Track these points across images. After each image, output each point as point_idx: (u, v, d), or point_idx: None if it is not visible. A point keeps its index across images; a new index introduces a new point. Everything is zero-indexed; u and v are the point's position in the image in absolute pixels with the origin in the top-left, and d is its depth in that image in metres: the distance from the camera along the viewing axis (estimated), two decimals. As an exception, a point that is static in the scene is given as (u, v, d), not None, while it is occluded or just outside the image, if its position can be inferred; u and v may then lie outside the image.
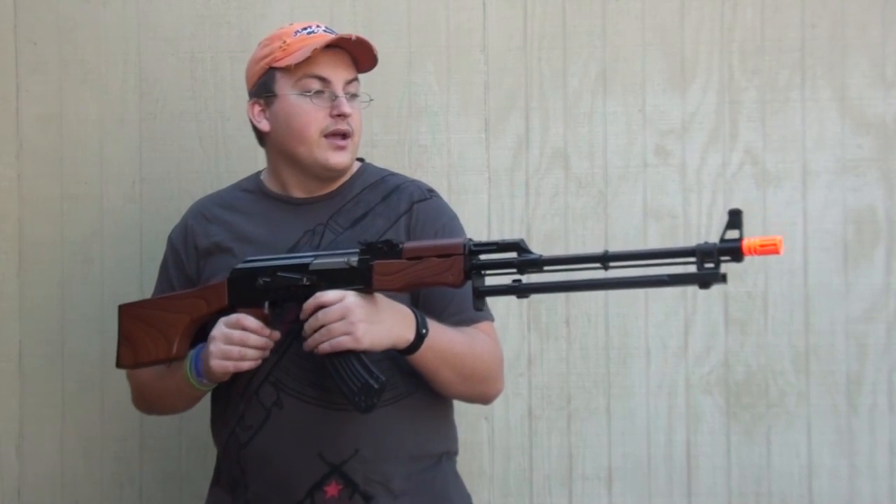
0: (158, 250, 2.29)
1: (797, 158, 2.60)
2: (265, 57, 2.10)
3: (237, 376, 2.03)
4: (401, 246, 1.87)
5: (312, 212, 2.07)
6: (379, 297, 1.90)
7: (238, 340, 1.93)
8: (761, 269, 2.59)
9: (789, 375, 2.58)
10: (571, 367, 2.60)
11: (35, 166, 2.65)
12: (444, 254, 1.83)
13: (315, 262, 1.93)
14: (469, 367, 1.98)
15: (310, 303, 1.89)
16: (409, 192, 2.09)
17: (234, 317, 1.95)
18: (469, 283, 2.01)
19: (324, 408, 1.99)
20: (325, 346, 1.87)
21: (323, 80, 2.05)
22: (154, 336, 2.04)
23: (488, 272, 1.82)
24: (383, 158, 2.46)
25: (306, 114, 2.05)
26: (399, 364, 2.00)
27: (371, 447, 1.98)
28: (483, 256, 1.82)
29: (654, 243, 2.59)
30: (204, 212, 2.17)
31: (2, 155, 2.65)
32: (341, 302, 1.86)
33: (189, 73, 2.64)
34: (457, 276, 1.82)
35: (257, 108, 2.11)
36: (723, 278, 1.63)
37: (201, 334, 2.03)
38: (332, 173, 2.08)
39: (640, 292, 2.59)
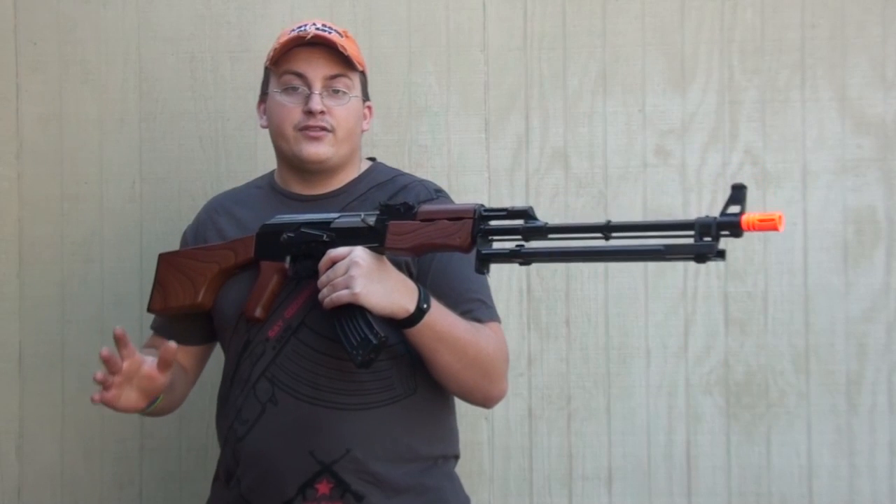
0: (158, 250, 2.29)
1: (797, 158, 2.60)
2: (267, 58, 2.14)
3: (238, 370, 2.05)
4: (417, 208, 1.90)
5: (319, 208, 2.07)
6: (388, 262, 1.92)
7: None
8: (761, 269, 2.59)
9: (789, 375, 2.58)
10: (571, 367, 2.60)
11: (35, 166, 2.65)
12: (456, 217, 1.85)
13: (338, 220, 1.98)
14: (471, 355, 1.96)
15: (323, 260, 1.92)
16: (415, 193, 2.09)
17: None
18: (478, 284, 2.02)
19: (317, 406, 1.98)
20: (327, 301, 1.89)
21: (300, 76, 2.08)
22: (184, 283, 2.10)
23: (495, 237, 1.83)
24: (383, 158, 2.45)
25: (282, 108, 2.09)
26: (399, 366, 2.01)
27: (363, 447, 1.98)
28: (493, 223, 1.83)
29: (654, 243, 2.59)
30: (216, 206, 2.21)
31: (2, 155, 2.65)
32: (348, 257, 1.88)
33: (189, 73, 2.65)
34: (464, 240, 1.83)
35: (261, 107, 2.17)
36: (720, 254, 1.62)
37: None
38: (309, 165, 2.09)
39: (640, 292, 2.59)
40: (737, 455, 2.58)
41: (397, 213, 1.90)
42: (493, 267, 2.55)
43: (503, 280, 2.59)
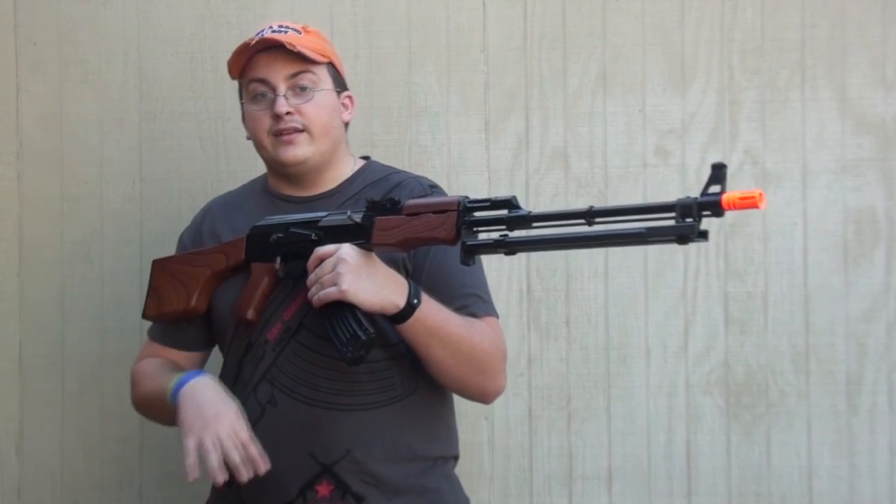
0: (158, 250, 2.30)
1: (797, 158, 2.60)
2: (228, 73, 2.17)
3: (240, 373, 2.05)
4: (402, 203, 1.90)
5: (312, 209, 2.07)
6: (376, 257, 1.92)
7: (226, 446, 1.91)
8: (761, 269, 2.59)
9: (789, 375, 2.58)
10: (571, 367, 2.60)
11: (35, 166, 2.65)
12: (441, 210, 1.85)
13: (326, 218, 1.98)
14: (465, 350, 1.95)
15: (311, 258, 1.92)
16: (409, 189, 2.08)
17: (242, 428, 1.93)
18: (474, 279, 2.02)
19: (317, 407, 1.98)
20: (315, 299, 1.89)
21: (263, 81, 2.08)
22: (177, 288, 2.10)
23: (479, 228, 1.83)
24: (383, 158, 2.45)
25: (254, 119, 2.10)
26: (399, 366, 2.01)
27: (363, 448, 1.98)
28: (478, 214, 1.83)
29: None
30: (213, 209, 2.21)
31: (2, 155, 2.65)
32: (335, 254, 1.89)
33: (189, 73, 2.65)
34: (449, 232, 1.83)
35: (244, 119, 2.16)
36: (702, 234, 1.63)
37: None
38: (290, 168, 2.09)
39: (640, 292, 2.59)
40: (737, 455, 2.58)
41: (383, 209, 1.90)
42: (493, 267, 2.56)
43: (503, 280, 2.59)
